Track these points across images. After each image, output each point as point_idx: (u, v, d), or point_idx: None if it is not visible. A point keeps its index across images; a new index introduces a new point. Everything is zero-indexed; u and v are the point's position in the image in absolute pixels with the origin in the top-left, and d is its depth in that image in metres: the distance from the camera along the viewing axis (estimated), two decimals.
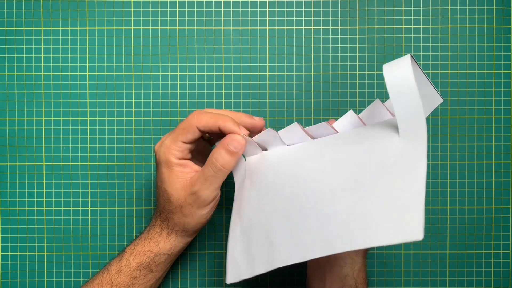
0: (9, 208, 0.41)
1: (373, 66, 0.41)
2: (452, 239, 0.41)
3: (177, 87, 0.41)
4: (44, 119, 0.41)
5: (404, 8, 0.41)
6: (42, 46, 0.40)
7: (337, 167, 0.27)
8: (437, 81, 0.41)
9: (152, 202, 0.41)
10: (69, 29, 0.40)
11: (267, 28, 0.41)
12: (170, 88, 0.41)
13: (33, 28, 0.40)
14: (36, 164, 0.41)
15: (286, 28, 0.41)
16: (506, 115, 0.41)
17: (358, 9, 0.41)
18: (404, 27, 0.41)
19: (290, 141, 0.32)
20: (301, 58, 0.41)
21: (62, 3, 0.40)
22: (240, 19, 0.41)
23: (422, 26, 0.40)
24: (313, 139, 0.31)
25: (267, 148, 0.33)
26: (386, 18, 0.41)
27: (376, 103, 0.28)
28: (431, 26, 0.41)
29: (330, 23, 0.41)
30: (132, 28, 0.40)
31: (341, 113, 0.41)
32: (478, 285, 0.41)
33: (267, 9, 0.41)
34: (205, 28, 0.41)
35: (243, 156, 0.33)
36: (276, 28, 0.41)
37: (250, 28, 0.41)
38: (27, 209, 0.41)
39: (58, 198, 0.41)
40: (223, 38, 0.41)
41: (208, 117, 0.30)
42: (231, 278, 0.31)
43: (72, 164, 0.41)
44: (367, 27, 0.41)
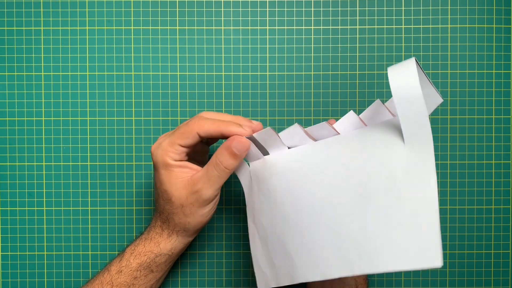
0: (9, 208, 0.41)
1: (373, 66, 0.41)
2: (452, 239, 0.41)
3: (177, 87, 0.41)
4: (44, 119, 0.41)
5: (404, 8, 0.41)
6: (42, 46, 0.40)
7: (344, 180, 0.27)
8: (437, 81, 0.41)
9: (152, 202, 0.41)
10: (69, 29, 0.40)
11: (267, 28, 0.41)
12: (170, 88, 0.41)
13: (33, 28, 0.40)
14: (36, 164, 0.41)
15: (286, 28, 0.41)
16: (506, 115, 0.41)
17: (358, 9, 0.41)
18: (404, 27, 0.41)
19: (291, 143, 0.31)
20: (301, 58, 0.41)
21: (62, 3, 0.40)
22: (240, 19, 0.41)
23: (422, 26, 0.40)
24: (314, 140, 0.31)
25: (267, 150, 0.32)
26: (386, 18, 0.41)
27: (377, 104, 0.28)
28: (431, 26, 0.41)
29: (330, 23, 0.41)
30: (132, 28, 0.40)
31: (341, 113, 0.41)
32: (478, 285, 0.41)
33: (267, 9, 0.41)
34: (205, 28, 0.41)
35: (246, 162, 0.33)
36: (276, 28, 0.41)
37: (250, 28, 0.41)
38: (27, 209, 0.41)
39: (58, 198, 0.41)
40: (223, 38, 0.41)
41: (209, 123, 0.30)
42: (261, 285, 0.31)
43: (72, 164, 0.41)
44: (367, 27, 0.41)
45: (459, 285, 0.41)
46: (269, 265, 0.31)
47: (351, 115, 0.29)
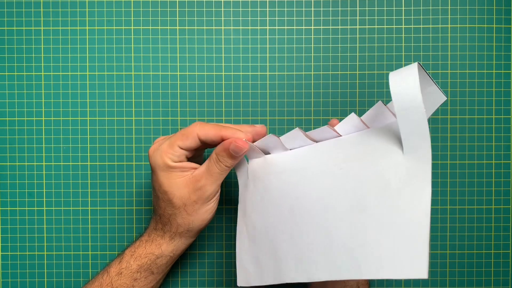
0: (9, 208, 0.41)
1: (373, 66, 0.41)
2: (452, 239, 0.41)
3: (177, 87, 0.41)
4: (44, 119, 0.41)
5: (404, 8, 0.41)
6: (42, 46, 0.40)
7: (340, 184, 0.27)
8: (437, 81, 0.41)
9: (152, 200, 0.41)
10: (69, 29, 0.40)
11: (267, 28, 0.41)
12: (170, 88, 0.41)
13: (33, 28, 0.40)
14: (36, 164, 0.41)
15: (286, 28, 0.41)
16: (506, 115, 0.41)
17: (358, 9, 0.41)
18: (404, 27, 0.41)
19: (292, 146, 0.31)
20: (301, 58, 0.41)
21: (62, 3, 0.40)
22: (240, 19, 0.41)
23: (422, 26, 0.40)
24: (316, 142, 0.31)
25: (269, 152, 0.33)
26: (386, 18, 0.41)
27: (379, 105, 0.28)
28: (431, 26, 0.41)
29: (330, 23, 0.41)
30: (132, 28, 0.40)
31: (341, 113, 0.41)
32: (478, 285, 0.41)
33: (267, 9, 0.41)
34: (205, 28, 0.41)
35: (246, 158, 0.33)
36: (276, 28, 0.41)
37: (250, 28, 0.41)
38: (27, 209, 0.41)
39: (58, 198, 0.41)
40: (223, 38, 0.41)
41: (210, 127, 0.30)
42: (241, 282, 0.31)
43: (72, 164, 0.41)
44: (367, 27, 0.41)
45: (459, 285, 0.41)
46: (253, 263, 0.31)
47: (352, 117, 0.29)
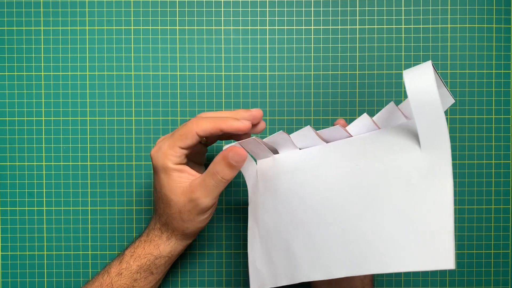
0: (9, 208, 0.41)
1: (373, 66, 0.41)
2: None
3: (177, 87, 0.41)
4: (44, 119, 0.41)
5: (404, 8, 0.41)
6: (42, 46, 0.40)
7: (357, 180, 0.27)
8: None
9: (152, 202, 0.41)
10: (69, 29, 0.40)
11: (267, 28, 0.41)
12: (170, 88, 0.41)
13: (33, 28, 0.40)
14: (36, 164, 0.41)
15: (286, 28, 0.41)
16: (506, 115, 0.41)
17: (358, 9, 0.41)
18: (404, 27, 0.41)
19: (302, 145, 0.31)
20: (301, 58, 0.41)
21: (62, 3, 0.40)
22: (240, 19, 0.41)
23: (422, 26, 0.41)
24: (326, 142, 0.31)
25: (278, 150, 0.32)
26: (386, 18, 0.41)
27: (391, 106, 0.28)
28: (431, 26, 0.41)
29: (330, 23, 0.41)
30: (132, 28, 0.41)
31: (341, 113, 0.41)
32: (478, 285, 0.41)
33: (267, 9, 0.41)
34: (205, 28, 0.41)
35: (254, 159, 0.33)
36: (276, 28, 0.41)
37: (250, 28, 0.41)
38: (27, 209, 0.41)
39: (58, 198, 0.41)
40: (223, 38, 0.41)
41: (207, 122, 0.30)
42: (254, 285, 0.31)
43: (72, 164, 0.41)
44: (367, 27, 0.41)
45: (459, 285, 0.41)
46: (267, 265, 0.30)
47: (364, 118, 0.28)
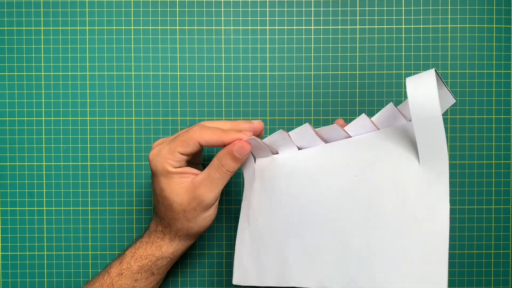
0: (9, 208, 0.41)
1: (373, 66, 0.41)
2: (452, 239, 0.41)
3: (177, 87, 0.41)
4: (44, 119, 0.41)
5: (404, 8, 0.41)
6: (42, 46, 0.40)
7: (355, 193, 0.27)
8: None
9: (152, 202, 0.41)
10: (69, 29, 0.40)
11: (267, 28, 0.41)
12: (170, 88, 0.41)
13: (33, 28, 0.40)
14: (36, 164, 0.41)
15: (286, 28, 0.41)
16: (506, 115, 0.41)
17: (358, 9, 0.41)
18: (404, 27, 0.41)
19: (301, 143, 0.31)
20: (301, 58, 0.41)
21: (62, 3, 0.40)
22: (240, 19, 0.41)
23: (422, 26, 0.41)
24: (325, 142, 0.31)
25: (277, 149, 0.32)
26: (386, 18, 0.41)
27: (390, 107, 0.28)
28: (431, 26, 0.41)
29: (330, 23, 0.41)
30: (132, 28, 0.41)
31: (341, 113, 0.41)
32: (478, 285, 0.41)
33: (267, 9, 0.41)
34: (205, 28, 0.41)
35: (253, 156, 0.33)
36: (276, 28, 0.41)
37: (250, 28, 0.41)
38: (27, 209, 0.41)
39: (58, 198, 0.41)
40: (223, 38, 0.41)
41: (211, 133, 0.30)
42: (237, 280, 0.31)
43: (72, 164, 0.41)
44: (367, 27, 0.41)
45: (459, 285, 0.41)
46: (254, 263, 0.30)
47: (363, 118, 0.28)
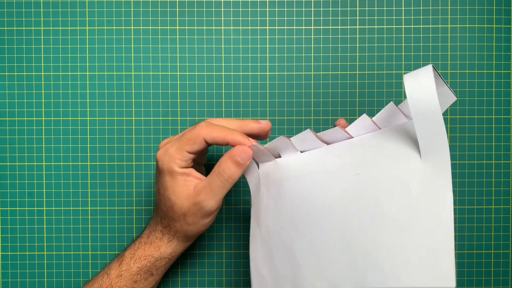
0: (9, 208, 0.41)
1: (373, 66, 0.41)
2: None
3: (177, 87, 0.41)
4: (44, 119, 0.41)
5: (404, 8, 0.41)
6: (42, 46, 0.40)
7: (357, 191, 0.27)
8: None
9: (152, 202, 0.41)
10: (69, 29, 0.40)
11: (267, 28, 0.41)
12: (170, 88, 0.41)
13: (33, 28, 0.40)
14: (36, 164, 0.41)
15: (286, 28, 0.41)
16: (506, 115, 0.41)
17: (358, 9, 0.41)
18: (404, 27, 0.41)
19: (302, 148, 0.31)
20: (301, 58, 0.41)
21: (62, 3, 0.40)
22: (240, 19, 0.41)
23: (422, 26, 0.41)
24: (327, 144, 0.30)
25: (280, 153, 0.32)
26: (386, 18, 0.41)
27: (391, 106, 0.28)
28: (431, 26, 0.41)
29: (330, 23, 0.41)
30: (132, 28, 0.40)
31: (341, 113, 0.41)
32: (478, 285, 0.41)
33: (267, 9, 0.41)
34: (205, 28, 0.41)
35: (256, 162, 0.33)
36: (276, 28, 0.41)
37: (250, 28, 0.41)
38: (27, 209, 0.41)
39: (58, 198, 0.41)
40: (223, 38, 0.41)
41: (217, 131, 0.30)
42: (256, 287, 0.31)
43: (72, 164, 0.41)
44: (367, 27, 0.41)
45: (459, 285, 0.41)
46: (269, 269, 0.30)
47: (364, 119, 0.28)
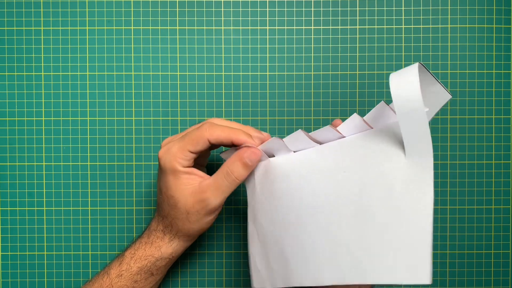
0: (9, 208, 0.41)
1: (373, 66, 0.41)
2: (452, 239, 0.41)
3: (177, 87, 0.41)
4: (44, 119, 0.41)
5: (404, 8, 0.41)
6: (42, 46, 0.40)
7: (344, 189, 0.27)
8: (437, 78, 0.41)
9: (152, 202, 0.41)
10: (69, 29, 0.40)
11: (267, 28, 0.41)
12: (170, 88, 0.41)
13: (33, 28, 0.40)
14: (36, 164, 0.41)
15: (286, 28, 0.41)
16: (506, 115, 0.41)
17: (358, 9, 0.41)
18: (404, 27, 0.41)
19: (295, 148, 0.31)
20: (301, 58, 0.41)
21: (62, 3, 0.40)
22: (240, 19, 0.41)
23: (422, 26, 0.40)
24: (320, 144, 0.31)
25: (274, 154, 0.32)
26: (386, 18, 0.41)
27: (381, 105, 0.28)
28: (431, 26, 0.41)
29: (330, 23, 0.41)
30: (132, 28, 0.40)
31: (341, 113, 0.41)
32: (478, 285, 0.41)
33: (267, 9, 0.41)
34: (205, 28, 0.41)
35: None
36: (276, 28, 0.41)
37: (250, 28, 0.41)
38: (27, 209, 0.41)
39: (58, 198, 0.41)
40: (223, 38, 0.41)
41: (220, 131, 0.30)
42: (256, 284, 0.32)
43: (72, 164, 0.41)
44: (367, 27, 0.41)
45: (459, 285, 0.41)
46: (265, 267, 0.31)
47: (355, 118, 0.29)
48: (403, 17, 0.41)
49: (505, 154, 0.41)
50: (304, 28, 0.41)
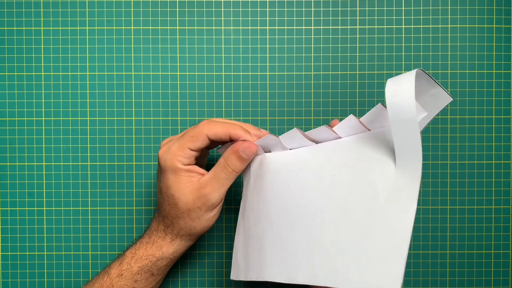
0: (9, 208, 0.41)
1: (373, 66, 0.41)
2: (452, 239, 0.41)
3: (177, 87, 0.41)
4: (44, 119, 0.41)
5: (404, 8, 0.41)
6: (42, 46, 0.40)
7: (331, 192, 0.27)
8: (437, 82, 0.41)
9: (152, 202, 0.41)
10: (69, 29, 0.40)
11: (267, 28, 0.41)
12: (170, 88, 0.41)
13: (33, 28, 0.40)
14: (36, 164, 0.41)
15: (286, 28, 0.41)
16: (506, 115, 0.41)
17: (358, 9, 0.41)
18: (404, 27, 0.41)
19: (291, 146, 0.32)
20: (301, 58, 0.41)
21: (62, 3, 0.40)
22: (240, 19, 0.41)
23: (422, 26, 0.41)
24: (316, 143, 0.31)
25: (270, 150, 0.33)
26: (386, 18, 0.41)
27: (378, 107, 0.28)
28: (431, 26, 0.41)
29: (330, 23, 0.41)
30: (132, 28, 0.40)
31: (341, 113, 0.41)
32: (478, 285, 0.41)
33: (267, 9, 0.41)
34: (205, 28, 0.41)
35: None
36: (276, 28, 0.41)
37: (250, 28, 0.41)
38: (27, 209, 0.41)
39: (58, 198, 0.41)
40: (223, 38, 0.41)
41: (218, 126, 0.30)
42: (233, 275, 0.32)
43: (72, 164, 0.41)
44: (367, 27, 0.41)
45: (459, 285, 0.41)
46: (244, 258, 0.31)
47: (351, 119, 0.29)
48: (403, 17, 0.41)
49: (505, 154, 0.41)
50: (304, 28, 0.41)
